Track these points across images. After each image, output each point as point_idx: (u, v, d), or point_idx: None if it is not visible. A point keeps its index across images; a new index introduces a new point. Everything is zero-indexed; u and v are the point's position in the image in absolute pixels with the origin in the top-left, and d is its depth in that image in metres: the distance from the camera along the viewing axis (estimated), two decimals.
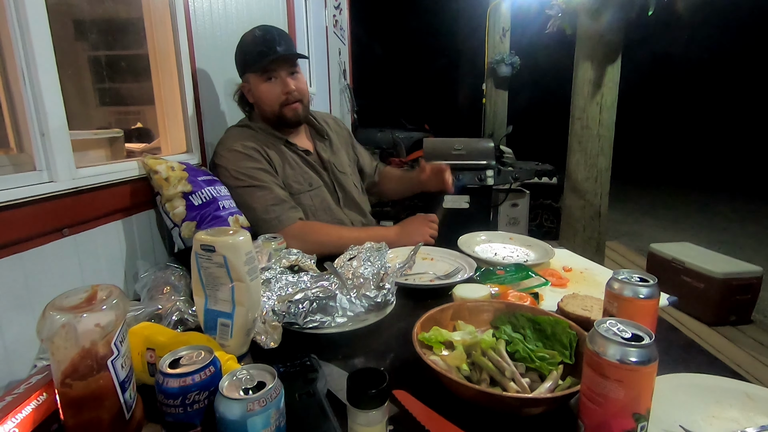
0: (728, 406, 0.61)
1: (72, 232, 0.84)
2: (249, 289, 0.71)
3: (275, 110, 1.32)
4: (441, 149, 3.24)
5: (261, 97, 1.32)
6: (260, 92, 1.31)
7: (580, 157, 3.04)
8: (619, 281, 0.67)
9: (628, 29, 2.86)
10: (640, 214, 6.21)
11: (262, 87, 1.30)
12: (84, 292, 0.52)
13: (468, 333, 0.71)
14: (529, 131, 7.33)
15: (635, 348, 0.47)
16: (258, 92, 1.32)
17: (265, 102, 1.32)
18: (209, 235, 0.69)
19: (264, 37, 1.27)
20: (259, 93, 1.32)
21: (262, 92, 1.31)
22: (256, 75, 1.30)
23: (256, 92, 1.32)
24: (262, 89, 1.31)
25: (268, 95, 1.30)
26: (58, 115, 0.82)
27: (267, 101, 1.31)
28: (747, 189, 7.92)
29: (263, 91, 1.31)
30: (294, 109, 1.33)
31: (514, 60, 5.81)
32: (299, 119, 1.37)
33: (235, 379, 0.50)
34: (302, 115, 1.36)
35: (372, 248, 1.00)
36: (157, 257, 1.13)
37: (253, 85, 1.32)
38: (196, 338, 0.68)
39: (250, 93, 1.35)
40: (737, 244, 4.67)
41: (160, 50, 1.25)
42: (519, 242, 1.34)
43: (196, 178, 1.11)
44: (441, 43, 12.47)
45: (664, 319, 0.84)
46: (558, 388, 0.62)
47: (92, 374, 0.48)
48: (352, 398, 0.49)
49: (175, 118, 1.29)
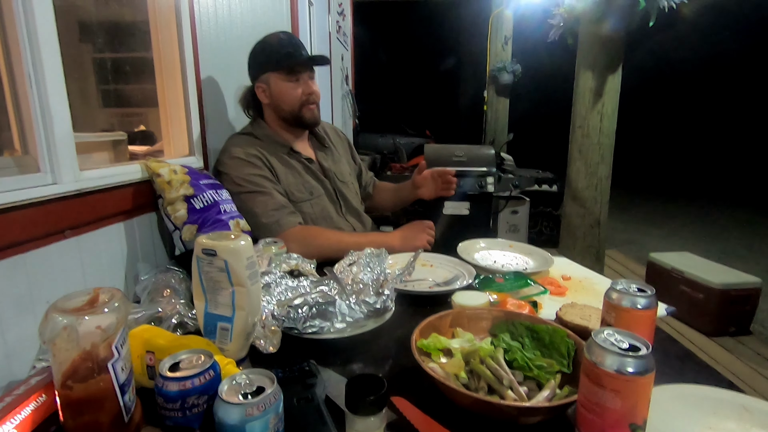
0: (725, 418, 0.61)
1: (74, 234, 0.85)
2: (249, 293, 0.71)
3: (295, 110, 1.36)
4: (442, 155, 3.26)
5: (282, 96, 1.35)
6: (281, 91, 1.34)
7: (581, 166, 3.05)
8: (617, 291, 0.67)
9: (629, 38, 2.88)
10: (640, 223, 6.21)
11: (284, 86, 1.34)
12: (86, 294, 0.53)
13: (466, 340, 0.71)
14: (530, 139, 7.35)
15: (632, 358, 0.48)
16: (279, 91, 1.35)
17: (285, 101, 1.35)
18: (211, 240, 0.69)
19: (290, 41, 1.35)
20: (280, 92, 1.35)
21: (284, 91, 1.34)
22: (279, 75, 1.33)
23: (277, 91, 1.35)
24: (283, 88, 1.34)
25: (291, 95, 1.34)
26: (64, 118, 0.83)
27: (288, 100, 1.35)
28: (748, 200, 7.92)
29: (285, 91, 1.34)
30: (312, 110, 1.38)
31: (515, 68, 5.85)
32: (316, 120, 1.41)
33: (234, 384, 0.50)
34: (318, 117, 1.41)
35: (372, 254, 1.01)
36: (158, 260, 1.13)
37: (273, 85, 1.35)
38: (195, 342, 0.68)
39: (265, 93, 1.37)
40: (737, 254, 4.67)
41: (165, 53, 1.27)
42: (519, 250, 1.35)
43: (198, 181, 1.12)
44: (443, 50, 12.52)
45: (662, 329, 0.85)
46: (556, 397, 0.62)
47: (92, 376, 0.49)
48: (350, 404, 0.49)
49: (178, 121, 1.30)
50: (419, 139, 7.51)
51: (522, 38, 5.99)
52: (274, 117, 1.40)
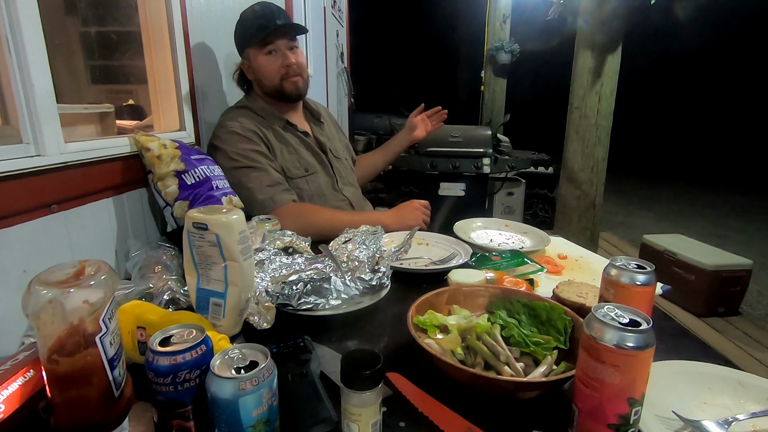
0: (720, 393, 0.61)
1: (61, 209, 0.82)
2: (242, 268, 0.69)
3: (275, 84, 1.31)
4: (438, 136, 3.21)
5: (261, 70, 1.31)
6: (260, 66, 1.30)
7: (578, 147, 3.04)
8: (616, 267, 0.66)
9: (629, 18, 2.83)
10: (635, 206, 6.24)
11: (262, 60, 1.29)
12: (71, 267, 0.51)
13: (463, 317, 0.70)
14: (527, 120, 7.30)
15: (633, 333, 0.47)
16: (257, 66, 1.31)
17: (265, 76, 1.31)
18: (202, 213, 0.67)
19: (263, 12, 1.28)
20: (258, 67, 1.30)
21: (262, 65, 1.30)
22: (256, 49, 1.29)
23: (256, 66, 1.31)
24: (261, 62, 1.29)
25: (269, 69, 1.30)
26: (46, 86, 0.79)
27: (267, 75, 1.31)
28: (741, 183, 7.98)
29: (263, 65, 1.30)
30: (294, 83, 1.32)
31: (513, 47, 5.75)
32: (300, 93, 1.36)
33: (227, 358, 0.49)
34: (302, 89, 1.36)
35: (367, 231, 0.99)
36: (148, 236, 1.11)
37: (252, 60, 1.31)
38: (187, 317, 0.67)
39: (249, 70, 1.34)
40: (728, 237, 4.72)
41: (153, 25, 1.21)
42: (515, 229, 1.34)
43: (189, 156, 1.09)
44: (441, 29, 12.28)
45: (657, 307, 0.85)
46: (552, 372, 0.62)
47: (79, 351, 0.47)
48: (345, 379, 0.48)
49: (167, 94, 1.26)
50: None
51: (521, 17, 5.87)
52: (262, 93, 1.37)
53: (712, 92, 11.74)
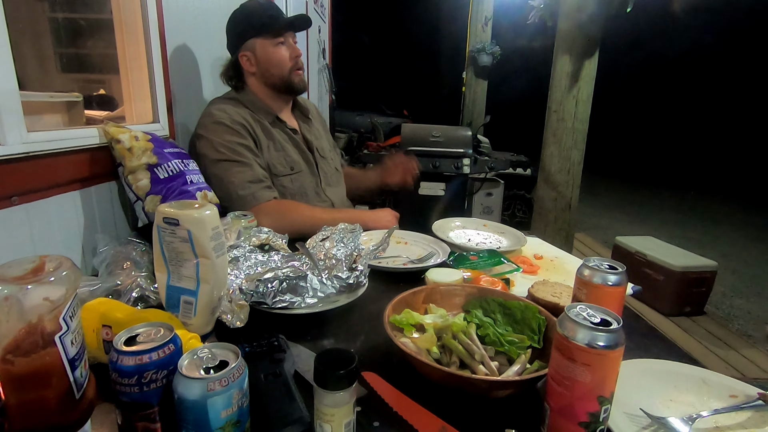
0: (685, 391, 0.63)
1: (23, 201, 0.78)
2: (215, 266, 0.68)
3: (284, 75, 1.31)
4: (419, 136, 3.23)
5: (271, 60, 1.29)
6: (270, 56, 1.29)
7: (555, 150, 3.09)
8: (589, 268, 0.68)
9: (606, 24, 2.90)
10: (608, 208, 6.41)
11: (273, 50, 1.28)
12: (30, 262, 0.48)
13: (439, 316, 0.70)
14: (507, 122, 7.40)
15: (603, 333, 0.47)
16: (267, 56, 1.29)
17: (275, 65, 1.29)
18: (173, 208, 0.65)
19: (270, 4, 1.29)
20: (267, 57, 1.29)
21: (273, 56, 1.29)
22: (265, 39, 1.28)
23: (264, 56, 1.29)
24: (272, 52, 1.28)
25: (280, 58, 1.29)
26: (7, 71, 0.75)
27: (278, 65, 1.29)
28: (709, 188, 8.31)
29: (274, 55, 1.28)
30: (300, 75, 1.34)
31: (494, 49, 5.81)
32: (305, 86, 1.37)
33: (195, 358, 0.48)
34: (306, 83, 1.37)
35: (345, 229, 0.98)
36: (118, 232, 1.07)
37: (260, 50, 1.29)
38: (156, 316, 0.65)
39: (251, 61, 1.31)
40: (695, 240, 4.90)
41: (126, 12, 1.17)
42: (492, 229, 1.35)
43: (162, 149, 1.06)
44: (423, 29, 12.33)
45: (627, 307, 0.87)
46: (526, 371, 0.63)
47: (37, 350, 0.45)
48: (319, 379, 0.47)
49: (140, 85, 1.21)
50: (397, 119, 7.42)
51: (503, 20, 5.94)
52: (260, 86, 1.34)
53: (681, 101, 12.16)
